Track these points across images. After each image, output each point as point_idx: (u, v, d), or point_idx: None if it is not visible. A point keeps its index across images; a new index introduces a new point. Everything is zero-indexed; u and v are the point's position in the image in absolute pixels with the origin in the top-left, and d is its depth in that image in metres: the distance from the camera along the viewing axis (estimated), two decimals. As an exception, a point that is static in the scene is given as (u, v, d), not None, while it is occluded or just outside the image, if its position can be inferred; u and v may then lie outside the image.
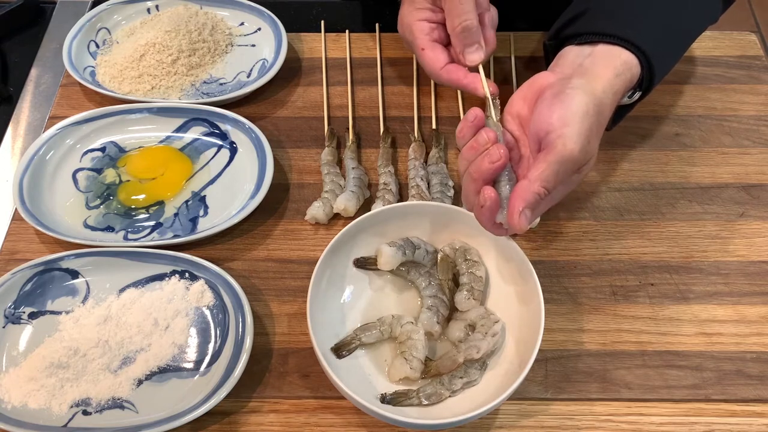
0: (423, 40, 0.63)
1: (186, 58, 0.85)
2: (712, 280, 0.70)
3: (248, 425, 0.62)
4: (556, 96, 0.58)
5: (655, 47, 0.62)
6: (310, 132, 0.82)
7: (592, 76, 0.60)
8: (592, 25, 0.63)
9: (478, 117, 0.60)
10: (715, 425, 0.62)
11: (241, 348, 0.63)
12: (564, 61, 0.63)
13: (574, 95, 0.58)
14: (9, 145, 0.83)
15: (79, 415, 0.61)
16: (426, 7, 0.62)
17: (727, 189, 0.77)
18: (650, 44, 0.62)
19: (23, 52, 0.92)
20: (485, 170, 0.58)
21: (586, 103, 0.57)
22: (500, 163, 0.57)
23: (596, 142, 0.60)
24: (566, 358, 0.65)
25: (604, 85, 0.60)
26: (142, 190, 0.76)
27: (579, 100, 0.57)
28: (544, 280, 0.64)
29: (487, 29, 0.69)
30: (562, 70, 0.62)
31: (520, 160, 0.62)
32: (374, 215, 0.67)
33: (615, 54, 0.61)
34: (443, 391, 0.61)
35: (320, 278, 0.64)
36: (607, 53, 0.61)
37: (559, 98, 0.58)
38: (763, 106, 0.84)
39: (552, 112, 0.57)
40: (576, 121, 0.56)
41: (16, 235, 0.73)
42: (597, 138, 0.60)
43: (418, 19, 0.62)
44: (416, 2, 0.61)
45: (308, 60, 0.89)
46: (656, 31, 0.64)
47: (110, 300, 0.67)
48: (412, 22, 0.61)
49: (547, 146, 0.57)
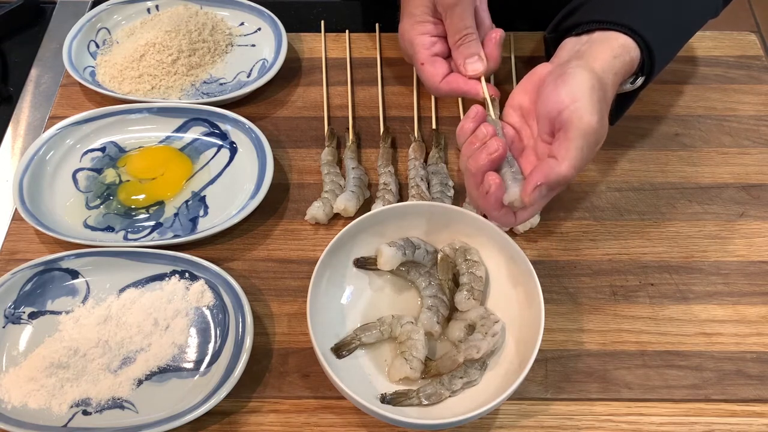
0: (423, 54, 0.64)
1: (186, 58, 0.85)
2: (712, 280, 0.70)
3: (248, 425, 0.62)
4: (558, 77, 0.59)
5: (654, 32, 0.63)
6: (310, 132, 0.82)
7: (589, 57, 0.60)
8: (589, 15, 0.63)
9: (479, 113, 0.60)
10: (715, 425, 0.62)
11: (241, 348, 0.63)
12: (562, 52, 0.64)
13: (576, 73, 0.58)
14: (9, 145, 0.83)
15: (79, 415, 0.61)
16: (427, 20, 0.62)
17: (727, 189, 0.77)
18: (648, 29, 0.62)
19: (23, 52, 0.92)
20: (483, 163, 0.58)
21: (590, 78, 0.58)
22: (498, 154, 0.58)
23: (606, 117, 0.59)
24: (566, 358, 0.65)
25: (602, 65, 0.60)
26: (142, 190, 0.76)
27: (582, 76, 0.58)
28: (544, 280, 0.64)
29: (492, 47, 0.69)
30: (560, 59, 0.63)
31: (523, 152, 0.62)
32: (374, 215, 0.67)
33: (612, 38, 0.62)
34: (443, 391, 0.61)
35: (320, 278, 0.64)
36: (603, 38, 0.62)
37: (562, 78, 0.58)
38: (763, 106, 0.84)
39: (559, 91, 0.57)
40: (585, 94, 0.56)
41: (16, 235, 0.73)
42: (607, 112, 0.59)
43: (419, 33, 0.62)
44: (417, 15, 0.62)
45: (308, 60, 0.89)
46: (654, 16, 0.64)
47: (110, 300, 0.67)
48: (413, 36, 0.62)
49: (562, 125, 0.57)
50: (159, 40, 0.85)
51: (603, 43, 0.62)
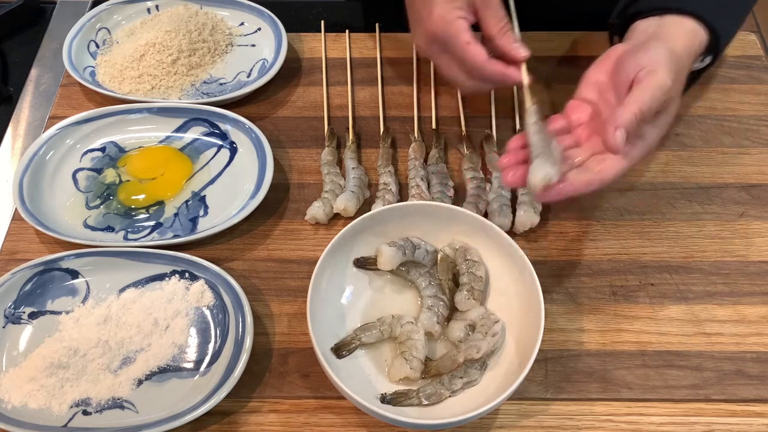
0: (467, 34, 0.66)
1: (186, 58, 0.85)
2: (712, 280, 0.70)
3: (248, 425, 0.62)
4: (640, 47, 0.63)
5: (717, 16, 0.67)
6: (310, 132, 0.82)
7: (667, 38, 0.65)
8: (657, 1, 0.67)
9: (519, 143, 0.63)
10: (715, 425, 0.62)
11: (241, 348, 0.63)
12: (634, 33, 0.68)
13: (657, 46, 0.63)
14: (9, 145, 0.83)
15: (79, 415, 0.61)
16: (462, 7, 0.65)
17: (727, 189, 0.77)
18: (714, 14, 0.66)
19: (23, 52, 0.92)
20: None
21: (669, 53, 0.62)
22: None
23: (680, 90, 0.64)
24: (566, 358, 0.65)
25: (678, 46, 0.65)
26: (142, 190, 0.76)
27: (663, 50, 0.62)
28: (544, 280, 0.64)
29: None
30: (636, 39, 0.67)
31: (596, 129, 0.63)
32: (374, 215, 0.67)
33: (682, 22, 0.66)
34: (443, 391, 0.61)
35: (320, 278, 0.64)
36: (675, 22, 0.66)
37: (644, 48, 0.63)
38: (763, 106, 0.84)
39: (641, 57, 0.62)
40: (664, 61, 0.61)
41: (16, 235, 0.73)
42: (680, 87, 0.64)
43: (458, 16, 0.65)
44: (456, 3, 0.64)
45: (308, 60, 0.89)
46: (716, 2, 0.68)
47: (110, 300, 0.67)
48: (453, 18, 0.64)
49: (639, 81, 0.61)
50: (159, 40, 0.85)
51: (675, 26, 0.66)
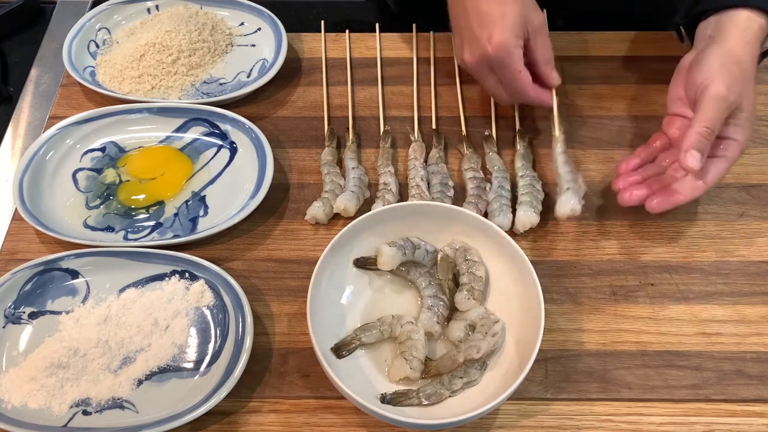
0: (521, 63, 0.73)
1: (186, 58, 0.85)
2: (712, 280, 0.70)
3: (248, 425, 0.62)
4: (699, 57, 0.69)
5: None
6: (310, 132, 0.82)
7: (720, 38, 0.69)
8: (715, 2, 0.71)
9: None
10: (715, 425, 0.62)
11: (241, 348, 0.63)
12: (697, 38, 0.73)
13: (708, 55, 0.68)
14: (9, 145, 0.83)
15: (79, 415, 0.61)
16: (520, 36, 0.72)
17: (727, 189, 0.77)
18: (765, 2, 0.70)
19: (23, 52, 0.92)
20: None
21: (720, 56, 0.68)
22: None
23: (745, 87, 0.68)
24: (566, 358, 0.65)
25: (734, 40, 0.69)
26: (142, 190, 0.76)
27: (713, 58, 0.68)
28: (544, 280, 0.64)
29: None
30: (697, 45, 0.72)
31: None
32: (374, 215, 0.67)
33: (736, 15, 0.70)
34: (443, 391, 0.61)
35: (320, 278, 0.64)
36: (729, 17, 0.70)
37: (701, 58, 0.69)
38: (763, 106, 0.84)
39: (697, 74, 0.68)
40: (715, 71, 0.67)
41: (16, 235, 0.73)
42: (743, 83, 0.67)
43: (517, 45, 0.72)
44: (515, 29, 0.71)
45: (308, 60, 0.89)
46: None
47: (110, 300, 0.67)
48: (513, 47, 0.71)
49: (699, 99, 0.67)
50: (159, 40, 0.85)
51: (728, 21, 0.69)
